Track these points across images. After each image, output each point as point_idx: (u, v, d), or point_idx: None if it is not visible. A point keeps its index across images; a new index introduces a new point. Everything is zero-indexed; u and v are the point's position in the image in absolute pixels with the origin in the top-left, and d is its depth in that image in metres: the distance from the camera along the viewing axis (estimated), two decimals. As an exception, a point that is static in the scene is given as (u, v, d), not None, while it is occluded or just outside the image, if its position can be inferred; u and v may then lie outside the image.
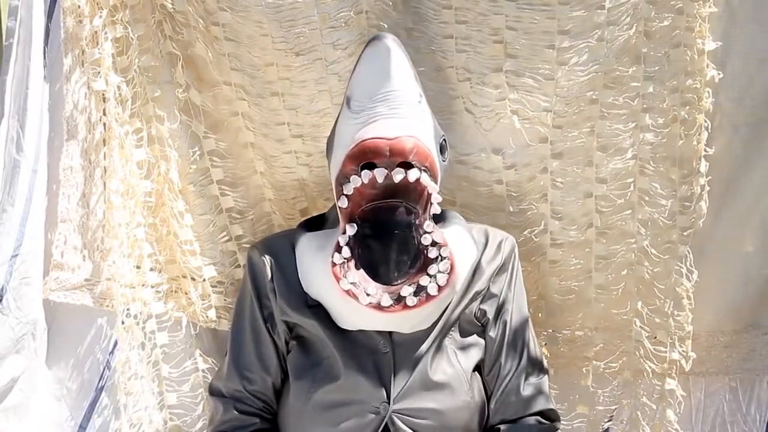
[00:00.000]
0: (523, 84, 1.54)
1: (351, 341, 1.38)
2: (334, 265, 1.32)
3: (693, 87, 1.51)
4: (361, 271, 1.33)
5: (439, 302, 1.35)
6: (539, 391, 1.45)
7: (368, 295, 1.31)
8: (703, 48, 1.49)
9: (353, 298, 1.31)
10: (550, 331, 1.67)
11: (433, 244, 1.34)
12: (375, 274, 1.34)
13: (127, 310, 1.55)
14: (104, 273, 1.59)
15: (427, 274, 1.32)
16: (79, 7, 1.51)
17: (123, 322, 1.54)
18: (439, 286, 1.32)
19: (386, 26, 1.52)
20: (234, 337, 1.47)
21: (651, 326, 1.60)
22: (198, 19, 1.52)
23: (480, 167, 1.61)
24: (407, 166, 1.31)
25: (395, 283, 1.34)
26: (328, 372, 1.38)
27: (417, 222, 1.37)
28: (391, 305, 1.31)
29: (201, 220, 1.63)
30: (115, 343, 1.60)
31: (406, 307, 1.31)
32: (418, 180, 1.32)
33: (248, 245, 1.58)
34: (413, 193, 1.35)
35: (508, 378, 1.44)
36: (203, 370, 1.62)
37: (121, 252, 1.55)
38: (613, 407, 1.68)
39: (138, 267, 1.59)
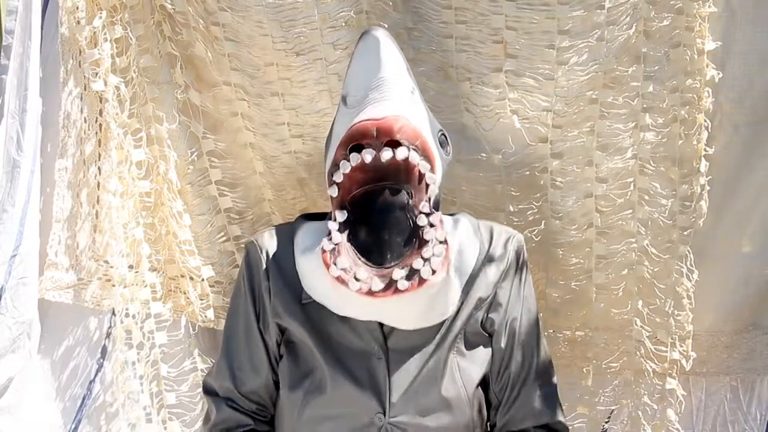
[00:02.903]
0: (523, 84, 1.54)
1: (341, 348, 1.33)
2: (324, 251, 1.28)
3: (693, 87, 1.50)
4: (352, 255, 1.28)
5: (434, 291, 1.28)
6: (548, 402, 1.39)
7: (358, 280, 1.26)
8: (702, 48, 1.49)
9: (343, 285, 1.26)
10: (551, 331, 1.66)
11: (430, 225, 1.29)
12: (368, 258, 1.29)
13: (126, 309, 1.55)
14: (102, 273, 1.58)
15: (421, 257, 1.26)
16: (78, 8, 1.51)
17: (122, 322, 1.54)
18: (432, 270, 1.26)
19: (386, 26, 1.51)
20: (227, 336, 1.43)
21: (651, 326, 1.59)
22: (198, 19, 1.53)
23: (480, 167, 1.61)
24: (396, 145, 1.28)
25: (389, 265, 1.28)
26: (318, 383, 1.34)
27: (411, 203, 1.31)
28: (382, 290, 1.26)
29: (199, 220, 1.63)
30: (108, 346, 1.60)
31: (397, 291, 1.25)
32: (407, 159, 1.28)
33: (246, 245, 1.57)
34: (404, 173, 1.30)
35: (516, 388, 1.39)
36: (202, 370, 1.62)
37: (120, 252, 1.54)
38: (614, 407, 1.68)
39: (136, 267, 1.58)
